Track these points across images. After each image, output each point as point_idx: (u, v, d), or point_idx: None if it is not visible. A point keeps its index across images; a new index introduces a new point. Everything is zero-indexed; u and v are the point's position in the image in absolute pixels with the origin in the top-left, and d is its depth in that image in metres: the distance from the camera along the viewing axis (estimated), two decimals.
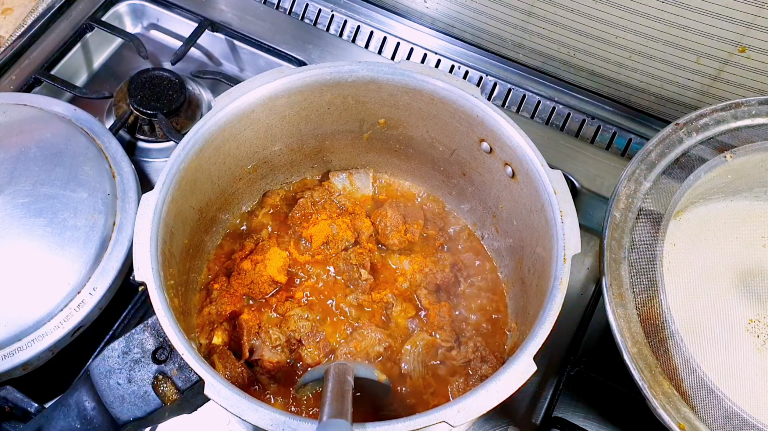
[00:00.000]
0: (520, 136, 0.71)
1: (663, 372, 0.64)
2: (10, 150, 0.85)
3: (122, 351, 0.61)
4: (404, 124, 0.81)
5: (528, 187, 0.72)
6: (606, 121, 1.01)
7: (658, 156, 0.76)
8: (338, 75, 0.75)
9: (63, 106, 0.92)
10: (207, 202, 0.77)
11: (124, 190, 0.85)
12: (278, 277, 0.80)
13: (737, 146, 0.77)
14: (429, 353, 0.77)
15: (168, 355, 0.61)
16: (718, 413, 0.62)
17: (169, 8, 1.11)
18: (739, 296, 0.79)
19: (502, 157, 0.75)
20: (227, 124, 0.73)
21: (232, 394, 0.56)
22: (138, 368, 0.60)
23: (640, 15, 0.88)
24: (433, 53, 1.07)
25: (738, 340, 0.76)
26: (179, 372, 0.60)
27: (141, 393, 0.60)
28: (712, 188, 0.81)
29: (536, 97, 1.03)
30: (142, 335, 0.61)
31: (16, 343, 0.74)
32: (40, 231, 0.79)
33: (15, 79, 1.03)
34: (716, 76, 0.91)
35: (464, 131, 0.77)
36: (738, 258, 0.81)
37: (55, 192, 0.82)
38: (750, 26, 0.84)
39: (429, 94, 0.75)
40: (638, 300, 0.68)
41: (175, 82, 1.00)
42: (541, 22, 0.96)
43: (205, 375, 0.57)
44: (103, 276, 0.79)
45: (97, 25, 1.07)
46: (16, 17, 1.14)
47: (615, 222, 0.72)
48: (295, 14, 1.12)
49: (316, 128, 0.82)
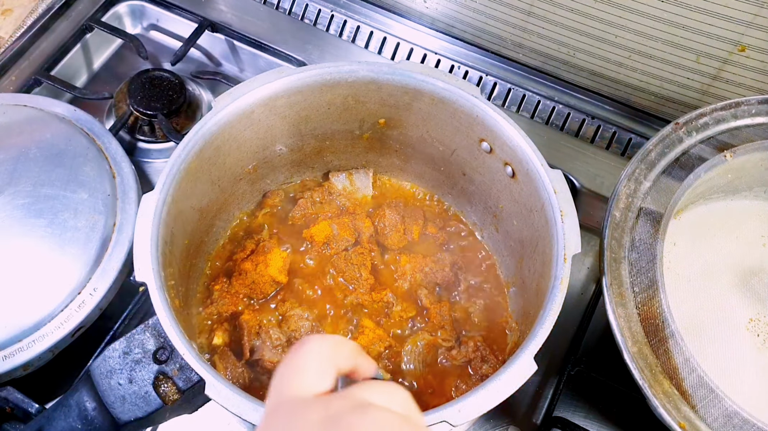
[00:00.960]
0: (520, 136, 0.71)
1: (663, 371, 0.64)
2: (10, 151, 0.85)
3: (123, 351, 0.61)
4: (404, 124, 0.82)
5: (528, 186, 0.72)
6: (606, 120, 1.01)
7: (657, 155, 0.76)
8: (338, 75, 0.75)
9: (63, 106, 0.92)
10: (207, 203, 0.77)
11: (125, 190, 0.85)
12: (279, 277, 0.80)
13: (737, 145, 0.77)
14: (429, 352, 0.77)
15: (169, 355, 0.61)
16: (719, 412, 0.62)
17: (168, 9, 1.10)
18: (739, 295, 0.79)
19: (502, 157, 0.75)
20: (228, 124, 0.73)
21: (233, 394, 0.56)
22: (139, 368, 0.60)
23: (640, 14, 0.88)
24: (432, 53, 1.07)
25: (738, 339, 0.76)
26: (180, 372, 0.60)
27: (142, 394, 0.60)
28: (712, 187, 0.81)
29: (536, 96, 1.03)
30: (142, 335, 0.61)
31: (16, 344, 0.74)
32: (41, 232, 0.79)
33: (15, 79, 1.02)
34: (716, 76, 0.91)
35: (464, 131, 0.77)
36: (738, 257, 0.81)
37: (55, 193, 0.82)
38: (750, 25, 0.84)
39: (429, 94, 0.75)
40: (638, 299, 0.68)
41: (175, 83, 1.00)
42: (541, 22, 0.96)
43: (206, 376, 0.57)
44: (103, 277, 0.79)
45: (97, 25, 1.07)
46: (16, 18, 1.14)
47: (615, 221, 0.72)
48: (294, 14, 1.12)
49: (316, 128, 0.82)
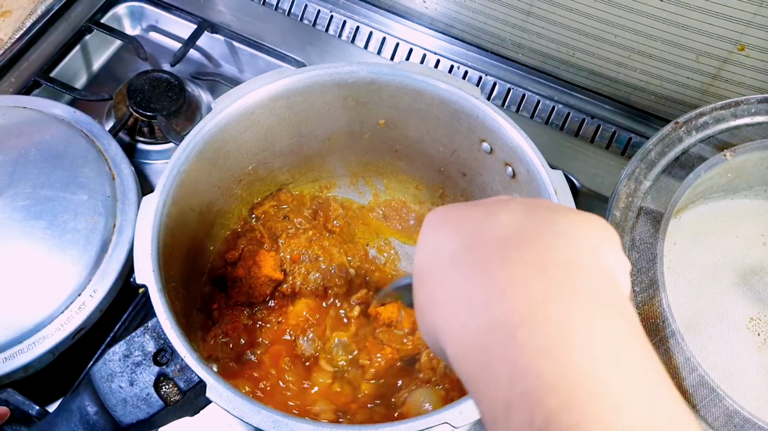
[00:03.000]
0: (521, 137, 0.71)
1: None
2: (9, 153, 0.84)
3: (123, 354, 0.61)
4: (404, 125, 0.81)
5: (528, 187, 0.72)
6: (606, 120, 1.01)
7: (657, 155, 0.76)
8: (338, 76, 0.75)
9: (62, 108, 0.92)
10: (207, 204, 0.77)
11: (124, 192, 0.85)
12: (275, 275, 0.79)
13: (737, 144, 0.77)
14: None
15: (169, 357, 0.60)
16: (719, 411, 0.62)
17: (168, 10, 1.10)
18: (739, 294, 0.79)
19: (502, 158, 0.75)
20: (227, 125, 0.73)
21: (234, 397, 0.56)
22: (139, 371, 0.60)
23: (639, 14, 0.88)
24: (432, 53, 1.06)
25: (739, 339, 0.76)
26: (181, 373, 0.60)
27: (143, 396, 0.59)
28: (712, 187, 0.81)
29: (536, 96, 1.03)
30: (142, 338, 0.61)
31: (16, 346, 0.74)
32: (40, 234, 0.79)
33: (14, 81, 1.02)
34: (716, 75, 0.91)
35: (465, 132, 0.77)
36: (738, 256, 0.81)
37: (55, 194, 0.82)
38: (749, 24, 0.84)
39: (430, 94, 0.75)
40: (639, 299, 0.68)
41: (175, 84, 0.99)
42: (541, 22, 0.96)
43: (207, 378, 0.57)
44: (103, 278, 0.79)
45: (96, 27, 1.06)
46: (15, 19, 1.13)
47: (615, 221, 0.72)
48: (294, 15, 1.12)
49: (316, 129, 0.82)
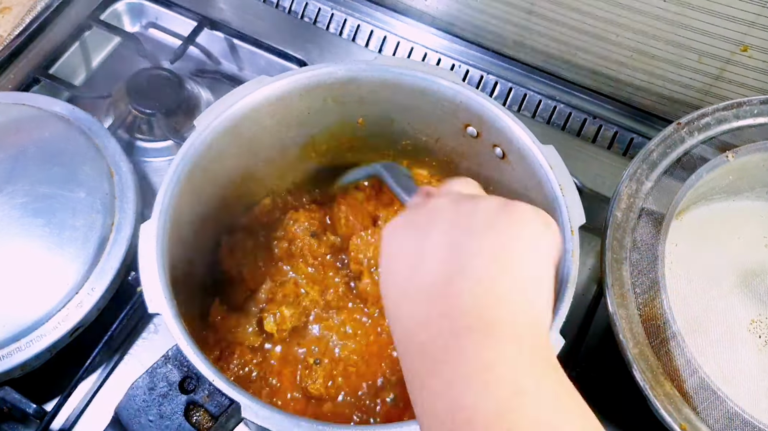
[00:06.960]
0: (508, 116, 0.70)
1: (665, 373, 0.64)
2: (8, 149, 0.84)
3: (147, 387, 0.59)
4: (385, 119, 0.80)
5: (520, 165, 0.71)
6: (607, 120, 1.00)
7: (659, 155, 0.75)
8: (316, 78, 0.74)
9: (61, 105, 0.92)
10: (201, 224, 0.75)
11: (123, 189, 0.85)
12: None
13: (739, 146, 0.76)
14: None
15: (196, 384, 0.59)
16: (720, 414, 0.62)
17: (168, 7, 1.10)
18: (740, 296, 0.78)
19: (489, 140, 0.74)
20: (213, 141, 0.70)
21: (273, 413, 0.54)
22: (167, 402, 0.58)
23: (642, 13, 0.88)
24: (433, 52, 1.06)
25: (740, 341, 0.76)
26: (210, 398, 0.58)
27: (175, 427, 0.57)
28: (714, 188, 0.81)
29: (537, 96, 1.03)
30: (164, 368, 0.59)
31: (14, 344, 0.74)
32: (39, 232, 0.79)
33: (13, 78, 1.02)
34: (718, 75, 0.91)
35: (448, 119, 0.76)
36: (740, 258, 0.81)
37: (53, 192, 0.81)
38: (752, 25, 0.83)
39: (408, 86, 0.74)
40: (640, 300, 0.68)
41: (174, 81, 0.99)
42: (542, 21, 0.96)
43: (240, 398, 0.55)
44: (101, 276, 0.78)
45: (96, 23, 1.06)
46: (15, 16, 1.13)
47: (617, 222, 0.72)
48: (294, 13, 1.12)
49: (297, 135, 0.80)
